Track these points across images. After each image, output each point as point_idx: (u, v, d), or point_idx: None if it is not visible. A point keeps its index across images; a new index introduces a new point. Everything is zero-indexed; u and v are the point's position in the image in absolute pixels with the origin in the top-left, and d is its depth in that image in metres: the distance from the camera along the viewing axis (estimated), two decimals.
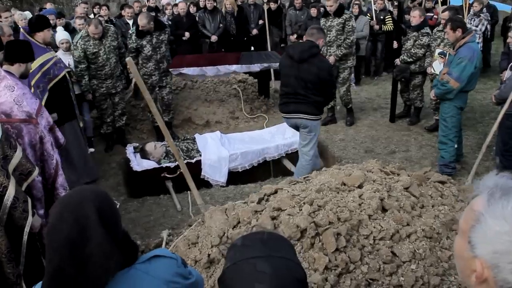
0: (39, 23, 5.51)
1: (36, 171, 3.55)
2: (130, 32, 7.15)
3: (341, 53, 7.25)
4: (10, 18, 7.30)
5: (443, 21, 6.64)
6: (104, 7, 9.64)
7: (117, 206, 5.06)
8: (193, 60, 7.33)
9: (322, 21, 7.35)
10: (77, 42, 6.53)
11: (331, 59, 7.14)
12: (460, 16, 7.59)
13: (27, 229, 3.24)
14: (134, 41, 6.87)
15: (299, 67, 5.04)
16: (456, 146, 5.69)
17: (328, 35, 7.11)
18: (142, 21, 6.72)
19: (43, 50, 5.44)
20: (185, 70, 7.19)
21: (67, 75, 5.77)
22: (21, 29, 5.68)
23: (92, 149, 6.84)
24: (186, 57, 7.31)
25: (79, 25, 7.42)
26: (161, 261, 1.64)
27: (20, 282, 3.23)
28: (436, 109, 6.88)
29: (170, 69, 7.13)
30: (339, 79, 7.48)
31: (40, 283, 1.61)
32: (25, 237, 3.27)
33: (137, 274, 1.56)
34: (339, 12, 7.06)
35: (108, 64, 6.65)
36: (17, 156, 3.32)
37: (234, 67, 7.35)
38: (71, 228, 1.45)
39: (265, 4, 10.43)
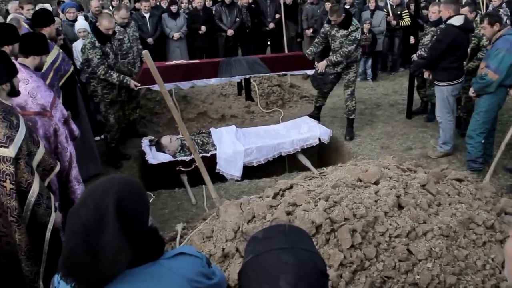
0: (44, 18, 5.43)
1: (58, 166, 3.56)
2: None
3: (335, 60, 6.72)
4: (31, 11, 7.35)
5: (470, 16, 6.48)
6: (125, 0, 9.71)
7: (150, 200, 5.06)
8: (165, 74, 5.51)
9: (327, 27, 6.88)
10: None
11: (322, 63, 6.81)
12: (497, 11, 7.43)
13: (50, 225, 3.27)
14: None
15: None
16: (483, 141, 5.58)
17: (332, 44, 6.86)
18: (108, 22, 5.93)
19: (50, 46, 5.43)
20: (155, 87, 6.33)
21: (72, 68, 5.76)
22: (24, 24, 5.58)
23: (97, 138, 6.72)
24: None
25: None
26: (186, 259, 1.63)
27: (38, 281, 3.24)
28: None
29: (138, 87, 6.21)
30: (344, 81, 7.02)
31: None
32: (48, 234, 3.29)
33: (160, 270, 1.56)
34: (345, 24, 6.64)
35: (131, 53, 6.69)
36: (40, 152, 3.34)
37: (212, 81, 6.75)
38: (89, 217, 1.46)
39: None
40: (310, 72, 6.91)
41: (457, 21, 5.73)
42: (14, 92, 3.30)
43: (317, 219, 2.99)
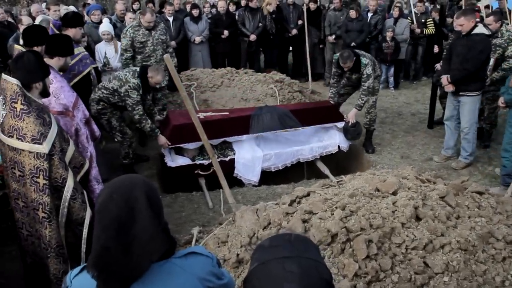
0: (74, 20, 5.56)
1: (87, 164, 3.66)
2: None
3: (362, 103, 6.53)
4: (58, 12, 7.51)
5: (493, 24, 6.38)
6: (150, 4, 9.80)
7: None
8: (196, 133, 4.73)
9: (336, 68, 6.67)
10: (126, 30, 6.70)
11: (352, 114, 6.53)
12: None
13: (87, 221, 3.34)
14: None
15: None
16: None
17: (350, 80, 6.73)
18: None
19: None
20: (186, 145, 6.06)
21: (92, 71, 5.80)
22: (51, 24, 5.70)
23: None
24: (184, 129, 5.90)
25: (130, 18, 7.59)
26: (197, 258, 1.66)
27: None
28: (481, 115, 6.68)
29: (168, 146, 5.98)
30: (364, 88, 6.51)
31: (78, 268, 1.67)
32: (86, 230, 3.36)
33: (173, 268, 1.59)
34: (355, 69, 6.42)
35: (154, 56, 6.75)
36: (71, 149, 3.46)
37: (244, 137, 6.36)
38: (120, 209, 1.51)
39: (304, 4, 10.36)
40: (340, 124, 6.70)
41: (484, 30, 5.68)
42: (46, 91, 3.40)
43: (333, 228, 2.97)
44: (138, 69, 5.79)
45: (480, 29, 5.71)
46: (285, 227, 3.07)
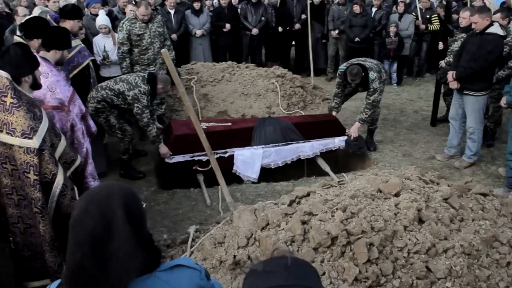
0: (73, 12, 5.47)
1: (79, 160, 3.60)
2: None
3: (366, 117, 6.40)
4: (57, 4, 7.42)
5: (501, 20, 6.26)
6: None
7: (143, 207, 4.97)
8: (199, 144, 4.59)
9: (340, 79, 6.47)
10: (123, 23, 6.60)
11: (354, 128, 6.38)
12: None
13: None
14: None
15: None
16: None
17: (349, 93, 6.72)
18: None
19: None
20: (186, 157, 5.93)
21: (90, 64, 5.69)
22: (48, 16, 5.59)
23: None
24: (186, 139, 5.82)
25: (131, 10, 7.42)
26: (183, 272, 1.55)
27: (61, 271, 3.28)
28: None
29: (170, 156, 5.84)
30: (369, 102, 6.39)
31: (55, 283, 1.56)
32: None
33: (157, 283, 1.47)
34: (363, 84, 6.28)
35: (152, 49, 6.65)
36: (62, 144, 3.40)
37: (245, 149, 6.21)
38: (96, 223, 1.39)
39: None
40: (342, 139, 6.56)
41: (498, 30, 5.55)
42: (36, 84, 3.33)
43: (333, 230, 2.88)
44: (146, 75, 5.70)
45: (495, 29, 5.58)
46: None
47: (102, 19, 7.06)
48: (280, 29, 10.55)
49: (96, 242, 1.38)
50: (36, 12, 6.20)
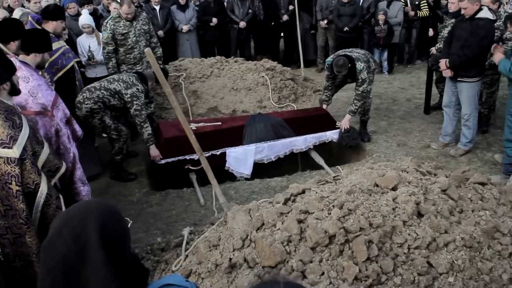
0: (55, 12, 5.37)
1: (64, 167, 3.48)
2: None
3: (355, 108, 6.28)
4: (38, 4, 7.25)
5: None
6: None
7: (128, 225, 4.81)
8: (189, 145, 4.39)
9: (329, 72, 6.32)
10: (107, 22, 6.46)
11: (345, 120, 6.31)
12: None
13: None
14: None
15: None
16: None
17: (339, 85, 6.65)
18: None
19: (52, 39, 5.28)
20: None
21: (75, 66, 5.57)
22: (29, 17, 5.48)
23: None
24: (176, 142, 5.71)
25: (114, 8, 7.25)
26: None
27: None
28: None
29: (160, 160, 5.74)
30: (358, 93, 6.28)
31: None
32: None
33: None
34: (350, 75, 6.16)
35: (137, 47, 6.54)
36: (45, 152, 3.27)
37: (237, 148, 6.11)
38: (68, 248, 1.29)
39: None
40: (335, 132, 6.47)
41: (488, 14, 5.46)
42: (15, 90, 3.20)
43: (330, 229, 2.80)
44: (136, 75, 5.73)
45: (484, 13, 5.48)
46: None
47: (85, 19, 6.89)
48: (285, 17, 10.29)
49: (68, 269, 1.28)
50: (16, 13, 6.06)
